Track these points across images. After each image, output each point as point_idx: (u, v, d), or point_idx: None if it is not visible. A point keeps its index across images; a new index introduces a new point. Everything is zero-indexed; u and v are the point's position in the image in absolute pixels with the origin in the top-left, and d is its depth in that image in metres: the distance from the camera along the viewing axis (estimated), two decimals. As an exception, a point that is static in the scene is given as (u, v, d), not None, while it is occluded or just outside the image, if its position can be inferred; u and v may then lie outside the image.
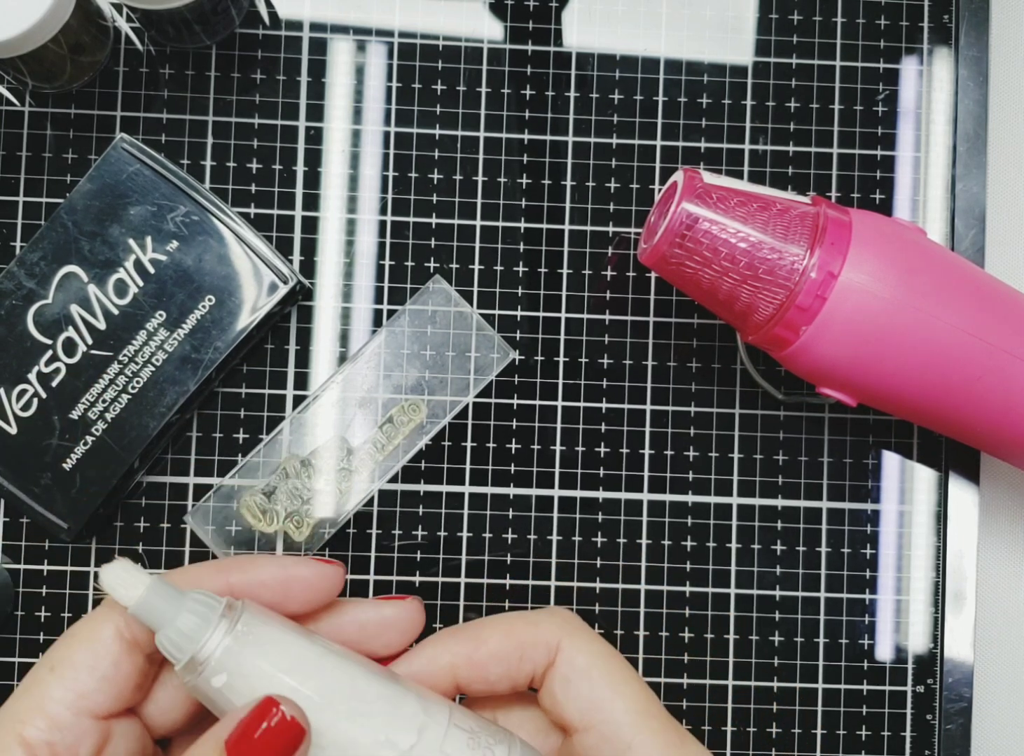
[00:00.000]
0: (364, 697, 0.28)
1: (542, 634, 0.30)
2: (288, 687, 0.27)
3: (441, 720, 0.29)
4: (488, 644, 0.30)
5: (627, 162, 0.45)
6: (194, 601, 0.28)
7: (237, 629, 0.28)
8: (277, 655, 0.28)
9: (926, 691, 0.44)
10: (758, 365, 0.44)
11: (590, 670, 0.30)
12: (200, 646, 0.27)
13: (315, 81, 0.44)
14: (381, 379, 0.43)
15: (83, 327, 0.41)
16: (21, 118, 0.43)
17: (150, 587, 0.28)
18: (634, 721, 0.29)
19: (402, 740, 0.28)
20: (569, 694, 0.30)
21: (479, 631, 0.31)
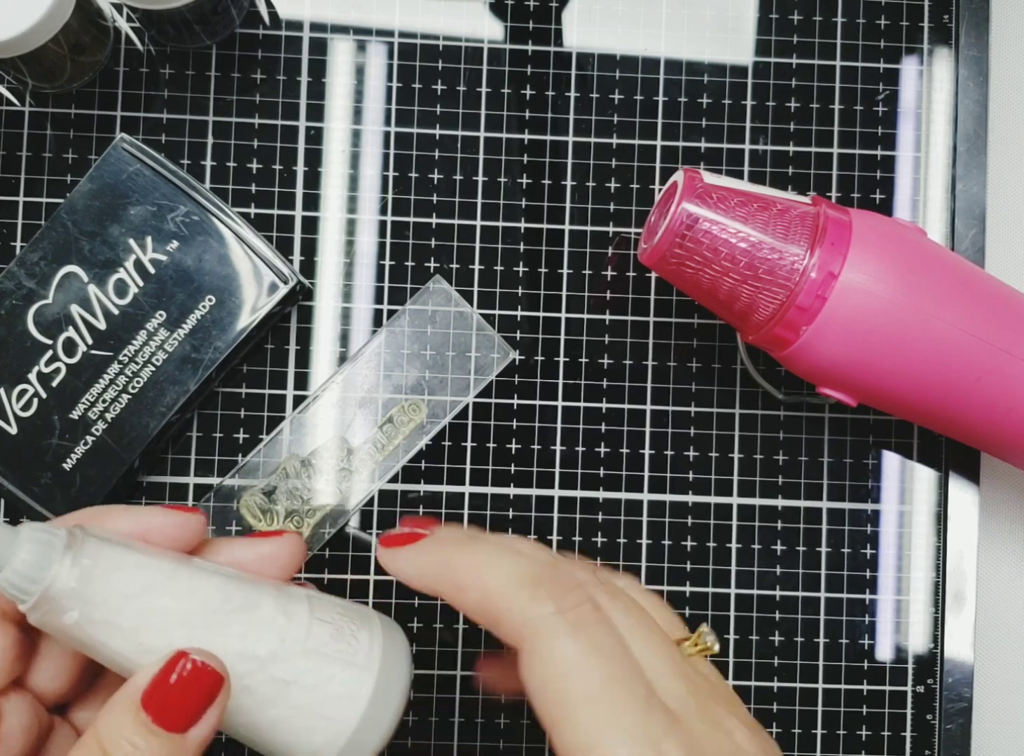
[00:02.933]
0: (220, 609, 0.28)
1: (512, 621, 0.28)
2: (141, 609, 0.27)
3: (301, 619, 0.29)
4: (465, 598, 0.29)
5: (627, 162, 0.45)
6: (30, 537, 0.26)
7: (82, 561, 0.26)
8: (126, 579, 0.27)
9: (926, 691, 0.44)
10: (758, 365, 0.45)
11: (544, 691, 0.27)
12: (46, 584, 0.26)
13: (315, 81, 0.44)
14: (381, 379, 0.43)
15: (83, 327, 0.41)
16: (21, 118, 0.43)
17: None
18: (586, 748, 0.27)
19: (263, 647, 0.28)
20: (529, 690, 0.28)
21: (461, 577, 0.29)
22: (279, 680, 0.28)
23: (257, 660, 0.28)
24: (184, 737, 0.26)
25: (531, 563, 0.28)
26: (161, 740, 0.26)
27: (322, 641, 0.29)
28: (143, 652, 0.27)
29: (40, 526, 0.27)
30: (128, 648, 0.27)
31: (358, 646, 0.29)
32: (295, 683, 0.28)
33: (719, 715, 0.28)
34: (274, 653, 0.28)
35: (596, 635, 0.27)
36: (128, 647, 0.27)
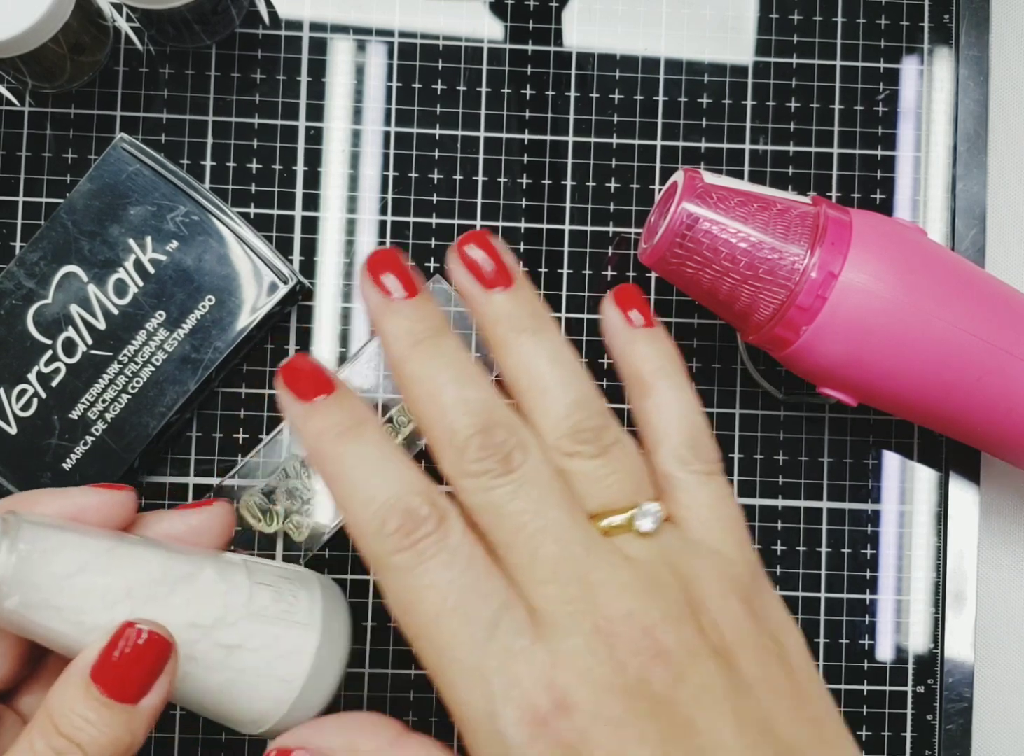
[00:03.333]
0: (160, 581, 0.28)
1: (365, 554, 0.27)
2: (81, 589, 0.27)
3: (241, 584, 0.29)
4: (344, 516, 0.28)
5: (627, 162, 0.45)
6: None
7: (18, 546, 0.26)
8: (65, 560, 0.27)
9: (926, 691, 0.44)
10: (758, 365, 0.44)
11: (400, 625, 0.27)
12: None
13: (315, 81, 0.44)
14: (381, 379, 0.43)
15: (83, 327, 0.41)
16: (21, 118, 0.43)
17: None
18: None
19: (207, 615, 0.28)
20: None
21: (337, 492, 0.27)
22: (225, 645, 0.28)
23: (201, 628, 0.28)
24: (136, 707, 0.26)
25: (393, 485, 0.26)
26: (113, 712, 0.26)
27: (263, 604, 0.29)
28: (86, 631, 0.27)
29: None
30: (71, 629, 0.27)
31: (298, 605, 0.30)
32: (241, 647, 0.29)
33: (610, 618, 0.25)
34: (218, 619, 0.28)
35: (435, 566, 0.25)
36: (71, 628, 0.27)
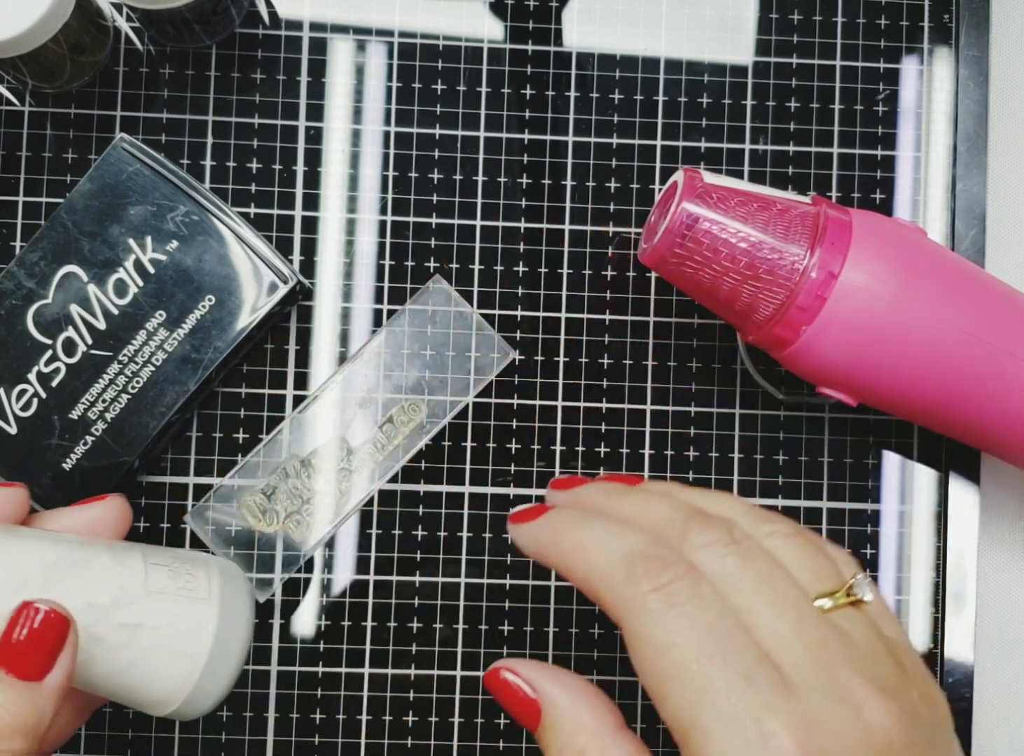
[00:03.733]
0: (55, 566, 0.29)
1: (609, 602, 0.28)
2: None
3: (136, 566, 0.30)
4: (572, 578, 0.29)
5: (627, 162, 0.45)
6: None
7: None
8: None
9: (926, 691, 0.44)
10: (758, 365, 0.44)
11: (643, 671, 0.27)
12: None
13: (315, 81, 0.44)
14: (381, 379, 0.43)
15: (83, 327, 0.41)
16: (21, 118, 0.43)
17: None
18: None
19: (103, 596, 0.29)
20: None
21: (567, 559, 0.29)
22: (126, 625, 0.29)
23: (101, 609, 0.29)
24: (41, 685, 0.27)
25: (635, 539, 0.28)
26: (18, 690, 0.27)
27: (161, 583, 0.30)
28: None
29: None
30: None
31: (196, 583, 0.31)
32: (142, 625, 0.29)
33: (852, 685, 0.26)
34: (116, 600, 0.29)
35: (691, 610, 0.26)
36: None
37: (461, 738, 0.43)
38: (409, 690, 0.43)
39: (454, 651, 0.43)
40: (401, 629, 0.43)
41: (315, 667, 0.43)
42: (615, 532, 0.29)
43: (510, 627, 0.43)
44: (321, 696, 0.43)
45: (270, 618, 0.43)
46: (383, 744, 0.43)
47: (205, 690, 0.30)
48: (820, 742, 0.25)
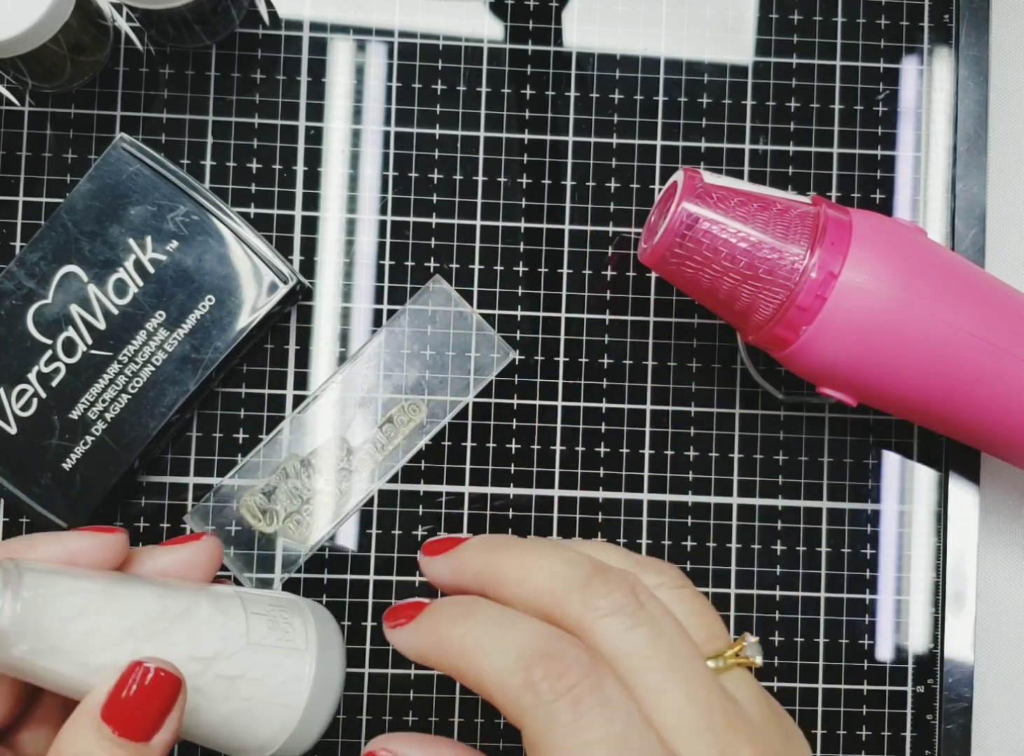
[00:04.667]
0: (160, 617, 0.29)
1: (507, 710, 0.26)
2: (85, 631, 0.27)
3: (237, 616, 0.30)
4: (465, 682, 0.27)
5: (627, 162, 0.45)
6: None
7: (22, 594, 0.27)
8: (66, 605, 0.28)
9: (926, 691, 0.44)
10: (758, 365, 0.44)
11: None
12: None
13: (315, 81, 0.44)
14: (381, 379, 0.43)
15: (83, 327, 0.41)
16: (21, 118, 0.43)
17: None
18: None
19: (206, 649, 0.29)
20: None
21: (454, 663, 0.27)
22: (227, 677, 0.29)
23: (203, 661, 0.29)
24: (148, 745, 0.26)
25: (525, 633, 0.25)
26: (126, 750, 0.26)
27: (260, 634, 0.30)
28: (92, 672, 0.27)
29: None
30: (77, 671, 0.27)
31: (294, 633, 0.31)
32: (242, 677, 0.29)
33: (735, 749, 0.25)
34: (218, 652, 0.29)
35: (599, 719, 0.24)
36: (76, 670, 0.27)
37: (461, 738, 0.43)
38: (409, 690, 0.43)
39: (454, 651, 0.43)
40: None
41: (315, 667, 0.43)
42: (502, 624, 0.26)
43: (510, 627, 0.43)
44: (321, 696, 0.43)
45: (270, 618, 0.43)
46: (383, 744, 0.43)
47: (300, 738, 0.30)
48: None
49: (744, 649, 0.27)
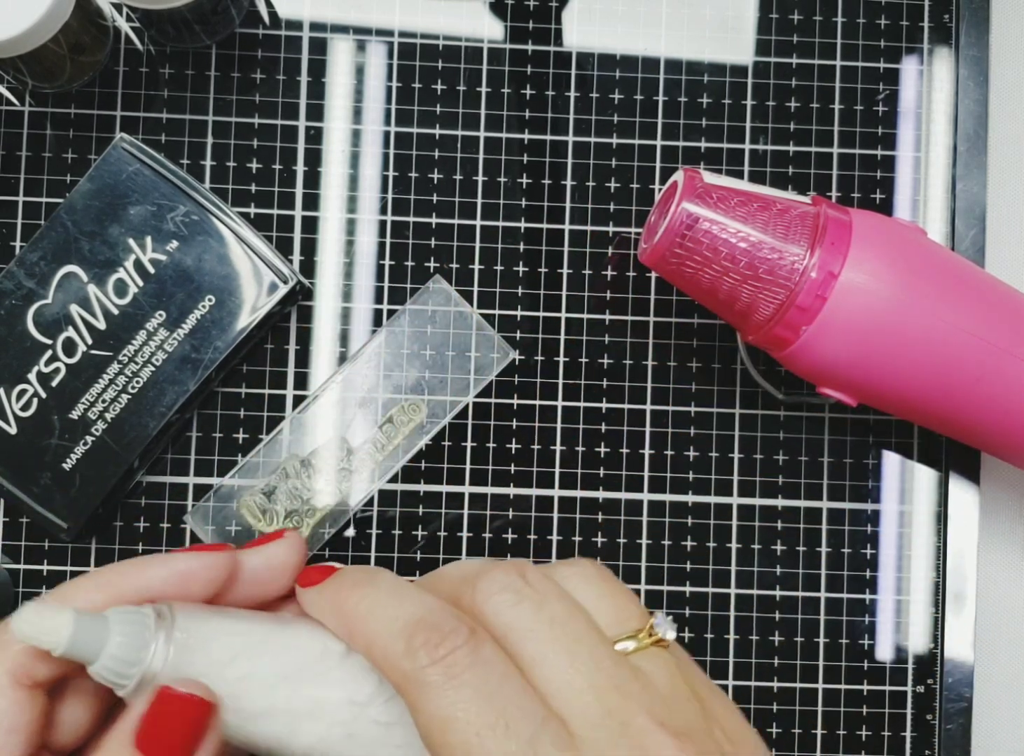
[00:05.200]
0: (319, 660, 0.28)
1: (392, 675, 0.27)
2: (240, 675, 0.27)
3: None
4: (356, 647, 0.28)
5: (627, 162, 0.45)
6: (120, 622, 0.26)
7: (175, 636, 0.26)
8: (221, 648, 0.27)
9: (926, 691, 0.44)
10: (758, 365, 0.44)
11: (428, 745, 0.26)
12: (144, 666, 0.26)
13: (315, 81, 0.44)
14: (381, 379, 0.43)
15: (83, 327, 0.41)
16: (21, 118, 0.43)
17: (75, 623, 0.25)
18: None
19: (362, 692, 0.28)
20: None
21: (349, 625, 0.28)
22: (382, 723, 0.28)
23: (359, 705, 0.28)
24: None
25: (414, 605, 0.26)
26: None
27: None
28: (246, 718, 0.27)
29: (126, 608, 0.27)
30: (231, 717, 0.27)
31: None
32: (396, 723, 0.28)
33: (645, 731, 0.25)
34: (371, 696, 0.28)
35: (471, 679, 0.25)
36: (231, 716, 0.27)
37: None
38: (409, 690, 0.43)
39: (454, 651, 0.43)
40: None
41: (315, 667, 0.43)
42: (398, 596, 0.27)
43: (510, 627, 0.43)
44: (321, 696, 0.43)
45: (270, 618, 0.43)
46: (383, 744, 0.43)
47: None
48: None
49: (653, 626, 0.27)
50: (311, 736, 0.27)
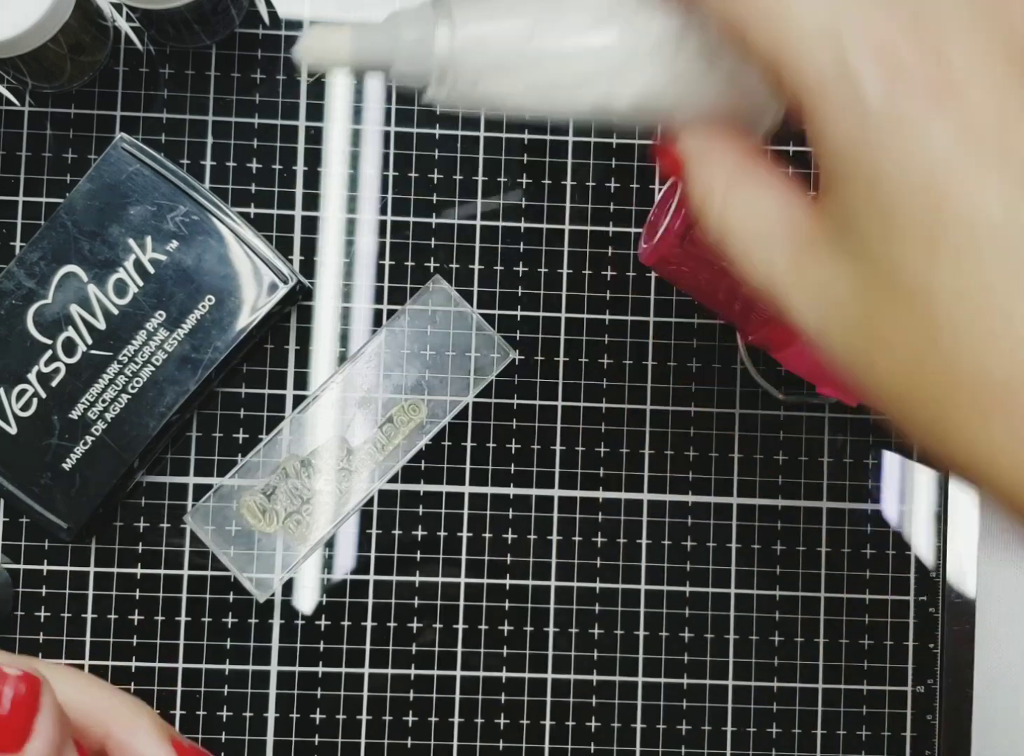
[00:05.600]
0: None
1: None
2: (538, 48, 0.25)
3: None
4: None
5: (627, 162, 0.45)
6: (402, 17, 0.25)
7: (457, 26, 0.25)
8: (512, 25, 0.25)
9: (926, 691, 0.44)
10: (758, 365, 0.44)
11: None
12: (440, 53, 0.25)
13: (315, 81, 0.44)
14: (381, 379, 0.43)
15: (83, 327, 0.41)
16: (21, 118, 0.43)
17: (355, 30, 0.25)
18: None
19: (674, 24, 0.25)
20: None
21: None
22: (704, 58, 0.26)
23: (673, 40, 0.25)
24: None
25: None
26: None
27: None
28: (558, 86, 0.25)
29: (404, 9, 0.25)
30: (537, 90, 0.26)
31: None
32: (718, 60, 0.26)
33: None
34: (685, 25, 0.25)
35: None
36: (536, 90, 0.26)
37: (461, 738, 0.43)
38: (409, 690, 0.43)
39: (454, 651, 0.43)
40: (401, 629, 0.43)
41: (315, 667, 0.43)
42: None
43: (510, 627, 0.43)
44: (321, 696, 0.43)
45: (270, 618, 0.43)
46: (383, 744, 0.43)
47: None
48: (936, 32, 0.20)
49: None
50: (636, 84, 0.26)
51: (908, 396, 0.21)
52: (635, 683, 0.44)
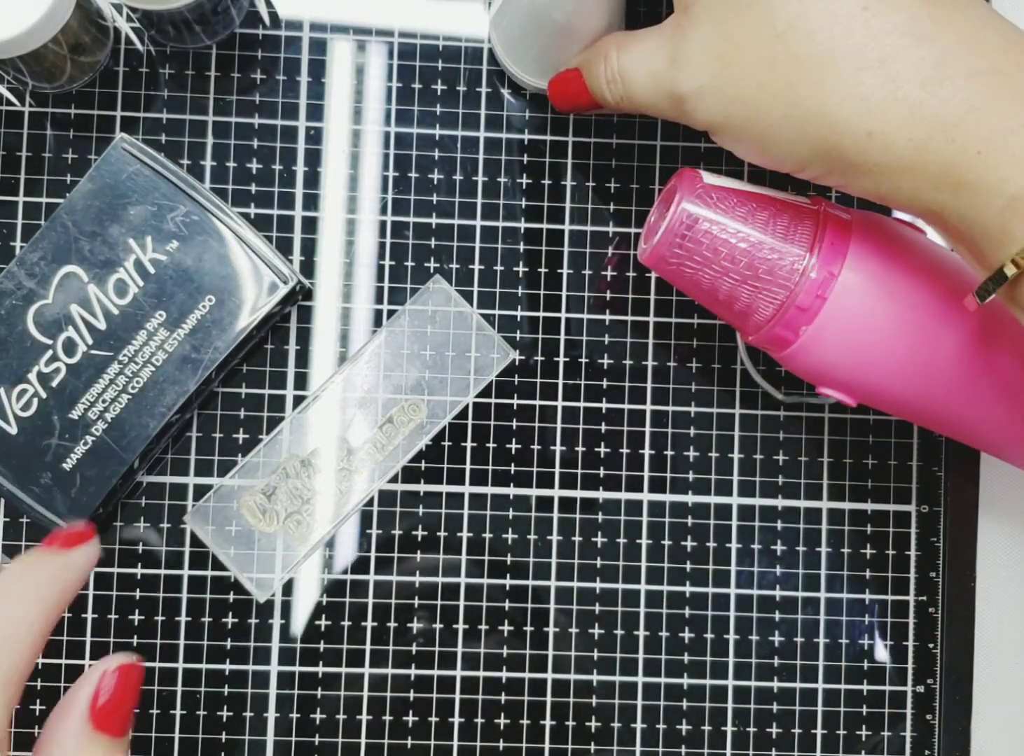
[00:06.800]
0: None
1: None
2: None
3: None
4: None
5: (627, 162, 0.45)
6: None
7: None
8: None
9: (926, 691, 0.44)
10: (758, 365, 0.45)
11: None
12: None
13: (315, 81, 0.44)
14: (381, 379, 0.43)
15: (83, 327, 0.41)
16: (21, 118, 0.43)
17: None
18: None
19: None
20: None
21: None
22: None
23: None
24: (124, 739, 0.27)
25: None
26: (110, 746, 0.27)
27: None
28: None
29: None
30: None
31: None
32: None
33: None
34: None
35: None
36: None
37: (461, 738, 0.43)
38: (409, 690, 0.43)
39: (454, 651, 0.43)
40: (401, 629, 0.43)
41: (315, 667, 0.43)
42: None
43: (510, 627, 0.43)
44: (321, 696, 0.43)
45: (270, 618, 0.43)
46: (383, 744, 0.43)
47: None
48: None
49: None
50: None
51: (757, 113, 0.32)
52: (635, 683, 0.44)
